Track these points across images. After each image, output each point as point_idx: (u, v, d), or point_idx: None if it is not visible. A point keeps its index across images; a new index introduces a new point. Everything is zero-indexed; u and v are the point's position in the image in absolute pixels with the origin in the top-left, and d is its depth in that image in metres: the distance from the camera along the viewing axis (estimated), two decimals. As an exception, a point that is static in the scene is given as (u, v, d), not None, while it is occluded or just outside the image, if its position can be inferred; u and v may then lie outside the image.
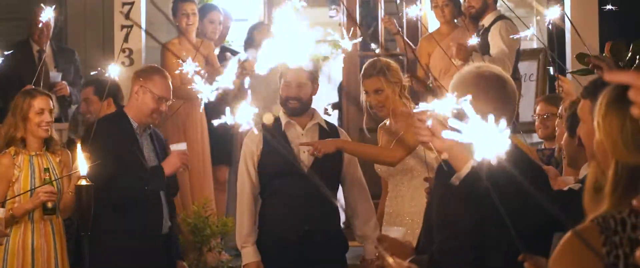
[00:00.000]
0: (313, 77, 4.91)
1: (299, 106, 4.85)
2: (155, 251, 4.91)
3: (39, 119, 5.08)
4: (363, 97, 4.91)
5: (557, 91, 5.54)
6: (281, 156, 4.71)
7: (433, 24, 7.57)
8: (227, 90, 2.05)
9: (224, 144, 7.34)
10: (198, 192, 6.83)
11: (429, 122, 2.74)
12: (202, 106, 2.22)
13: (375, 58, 5.10)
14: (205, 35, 7.39)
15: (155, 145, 5.04)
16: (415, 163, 4.82)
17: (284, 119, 4.89)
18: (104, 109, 5.90)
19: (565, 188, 3.47)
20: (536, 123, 5.57)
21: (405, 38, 7.51)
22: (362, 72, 4.94)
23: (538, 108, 5.57)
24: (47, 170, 5.01)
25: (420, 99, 7.37)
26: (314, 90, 4.96)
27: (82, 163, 4.09)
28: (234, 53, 7.88)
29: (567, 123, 3.74)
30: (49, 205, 4.93)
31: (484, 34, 6.95)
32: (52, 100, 5.24)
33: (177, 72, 5.27)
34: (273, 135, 4.79)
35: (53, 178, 4.98)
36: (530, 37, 6.16)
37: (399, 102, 4.83)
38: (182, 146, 4.97)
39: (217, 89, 2.13)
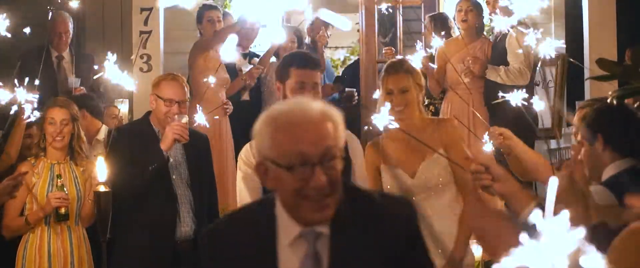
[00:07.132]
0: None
1: None
2: (167, 256, 4.78)
3: (51, 128, 5.11)
4: (381, 99, 4.28)
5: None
6: None
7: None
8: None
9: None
10: (221, 199, 6.64)
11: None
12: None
13: (401, 57, 4.86)
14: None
15: (188, 151, 4.89)
16: (449, 179, 4.32)
17: None
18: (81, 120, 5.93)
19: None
20: None
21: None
22: (385, 69, 4.35)
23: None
24: (59, 176, 5.03)
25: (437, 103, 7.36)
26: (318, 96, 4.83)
27: (102, 170, 4.11)
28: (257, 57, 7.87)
29: (588, 131, 3.54)
30: (62, 211, 4.94)
31: (501, 41, 6.93)
32: (72, 110, 5.21)
33: (204, 80, 5.24)
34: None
35: (65, 185, 5.00)
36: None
37: (417, 110, 4.32)
38: (182, 118, 4.72)
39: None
